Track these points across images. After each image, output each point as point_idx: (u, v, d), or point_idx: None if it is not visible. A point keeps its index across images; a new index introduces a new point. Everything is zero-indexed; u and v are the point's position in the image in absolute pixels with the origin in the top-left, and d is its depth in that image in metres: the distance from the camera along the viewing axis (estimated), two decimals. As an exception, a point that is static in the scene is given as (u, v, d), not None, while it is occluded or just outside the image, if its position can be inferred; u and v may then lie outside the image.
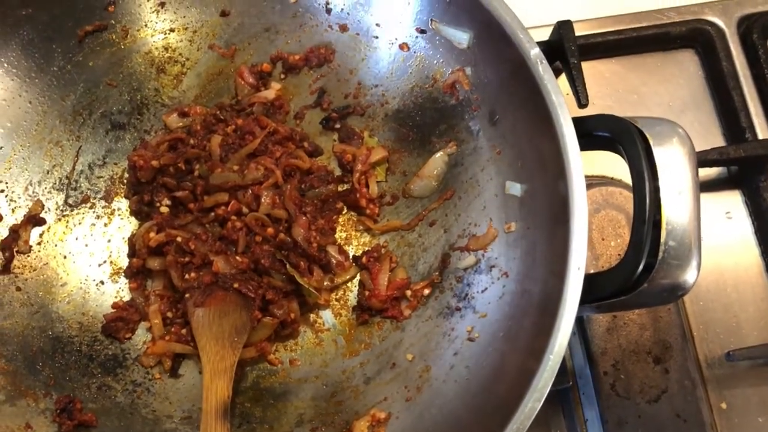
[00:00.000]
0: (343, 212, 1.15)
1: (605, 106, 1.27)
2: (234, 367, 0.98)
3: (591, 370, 1.09)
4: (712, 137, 1.26)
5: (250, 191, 1.06)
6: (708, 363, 1.13)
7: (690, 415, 1.06)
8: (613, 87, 1.29)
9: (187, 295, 1.03)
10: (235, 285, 1.02)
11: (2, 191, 1.06)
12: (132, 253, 1.11)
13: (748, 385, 1.13)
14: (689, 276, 0.84)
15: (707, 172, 1.23)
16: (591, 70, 1.27)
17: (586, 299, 0.83)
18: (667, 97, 1.29)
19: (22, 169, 1.08)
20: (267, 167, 1.07)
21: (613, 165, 1.20)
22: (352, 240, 1.14)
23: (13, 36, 1.04)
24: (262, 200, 1.06)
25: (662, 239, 0.83)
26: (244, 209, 1.06)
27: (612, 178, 1.21)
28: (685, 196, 0.84)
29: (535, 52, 0.92)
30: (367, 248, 1.12)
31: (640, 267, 0.83)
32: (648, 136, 0.86)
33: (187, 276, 1.04)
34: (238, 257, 1.04)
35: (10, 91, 1.06)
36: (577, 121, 0.89)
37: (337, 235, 1.13)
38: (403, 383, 1.01)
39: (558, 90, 0.90)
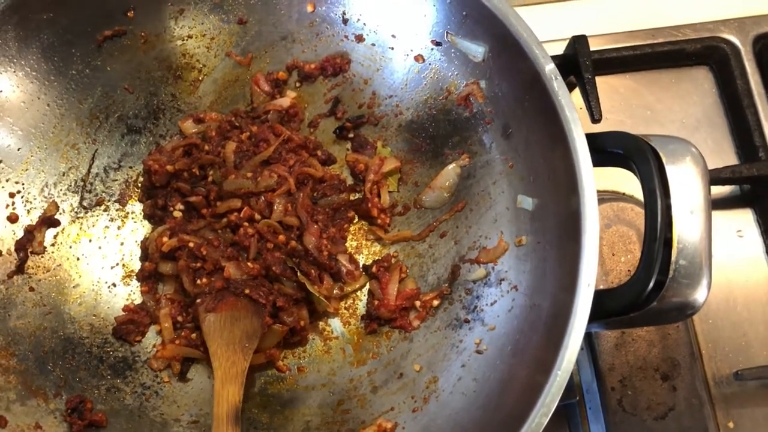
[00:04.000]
0: (355, 221, 1.15)
1: (618, 122, 1.27)
2: (245, 372, 0.98)
3: (598, 386, 1.09)
4: (725, 155, 1.25)
5: (263, 198, 1.07)
6: (716, 381, 1.12)
7: (697, 433, 1.06)
8: (626, 102, 1.29)
9: (198, 300, 1.03)
10: (246, 291, 1.02)
11: (18, 192, 1.07)
12: (144, 257, 1.12)
13: (756, 405, 1.12)
14: (699, 295, 0.84)
15: (719, 190, 1.22)
16: (605, 85, 1.27)
17: (595, 315, 0.83)
18: (680, 113, 1.29)
19: (39, 171, 1.09)
20: (280, 175, 1.08)
21: (625, 181, 1.20)
22: (362, 249, 1.14)
23: (34, 39, 1.05)
24: (275, 207, 1.06)
25: (673, 257, 0.83)
26: (257, 216, 1.07)
27: (623, 194, 1.21)
28: (697, 215, 0.84)
29: (549, 68, 0.92)
30: (377, 258, 1.12)
31: (651, 285, 0.83)
32: (661, 154, 0.86)
33: (198, 281, 1.05)
34: (249, 263, 1.04)
35: (29, 94, 1.07)
36: (590, 137, 0.90)
37: (347, 244, 1.13)
38: (410, 393, 1.02)
39: (572, 105, 0.90)
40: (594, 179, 0.87)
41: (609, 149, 0.91)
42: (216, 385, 0.97)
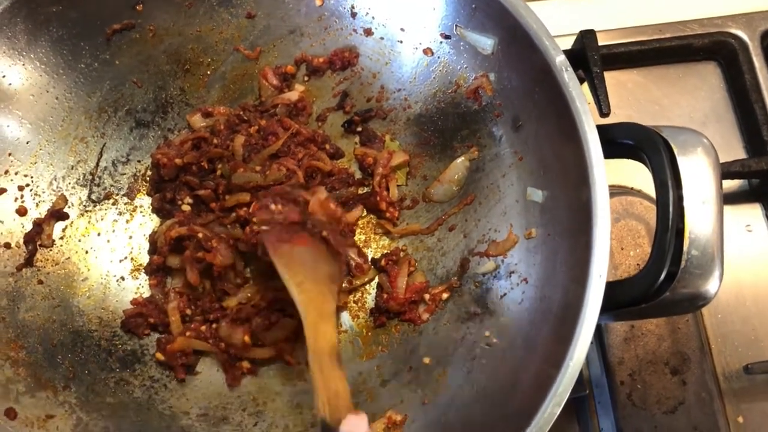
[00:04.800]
0: (363, 215, 1.15)
1: (626, 116, 1.27)
2: (335, 315, 0.90)
3: (608, 380, 1.09)
4: (733, 150, 1.25)
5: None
6: (725, 376, 1.12)
7: (707, 427, 1.05)
8: (634, 97, 1.29)
9: (265, 228, 0.94)
10: (324, 233, 0.95)
11: (27, 185, 1.07)
12: (153, 250, 1.12)
13: (765, 400, 1.12)
14: (711, 286, 0.83)
15: (728, 185, 1.22)
16: (613, 80, 1.28)
17: (606, 306, 0.83)
18: (688, 108, 1.29)
19: (48, 164, 1.09)
20: (289, 168, 1.08)
21: (634, 175, 1.20)
22: (371, 243, 1.14)
23: (43, 32, 1.05)
24: None
25: (685, 248, 0.83)
26: None
27: (632, 188, 1.21)
28: (708, 206, 0.84)
29: (560, 59, 0.92)
30: (386, 251, 1.12)
31: (662, 275, 0.83)
32: (672, 145, 0.86)
33: (272, 206, 0.95)
34: (332, 205, 1.00)
35: (38, 87, 1.07)
36: (601, 129, 0.90)
37: (356, 238, 1.13)
38: (419, 386, 1.01)
39: (582, 97, 0.90)
40: (605, 170, 0.87)
41: (620, 140, 0.91)
42: (310, 317, 0.87)
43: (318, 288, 0.91)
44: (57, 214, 1.09)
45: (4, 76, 1.03)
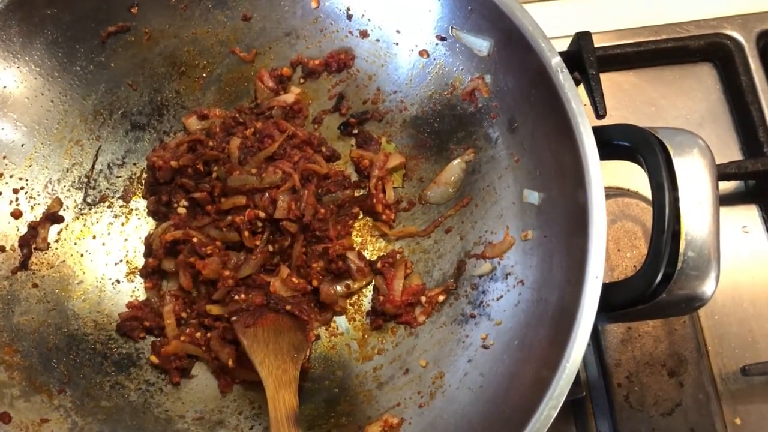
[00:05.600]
0: (359, 217, 1.15)
1: (622, 118, 1.26)
2: (296, 380, 0.97)
3: (605, 382, 1.08)
4: (729, 151, 1.25)
5: (268, 194, 1.07)
6: (723, 377, 1.12)
7: (704, 429, 1.05)
8: (630, 99, 1.29)
9: (233, 318, 1.02)
10: (288, 307, 1.03)
11: (22, 188, 1.07)
12: (148, 253, 1.11)
13: (762, 401, 1.11)
14: (708, 287, 0.83)
15: (724, 186, 1.22)
16: (609, 81, 1.27)
17: (603, 308, 0.83)
18: (684, 110, 1.29)
19: (43, 167, 1.09)
20: (285, 171, 1.08)
21: (630, 176, 1.20)
22: (367, 245, 1.14)
23: (38, 35, 1.04)
24: (279, 204, 1.06)
25: (681, 249, 0.83)
26: (261, 213, 1.06)
27: (628, 190, 1.21)
28: (704, 207, 0.84)
29: (556, 61, 0.92)
30: (382, 254, 1.12)
31: (659, 277, 0.83)
32: (668, 146, 0.86)
33: (236, 297, 1.04)
34: (294, 279, 1.05)
35: (33, 90, 1.07)
36: (597, 130, 0.89)
37: (352, 240, 1.13)
38: (416, 389, 1.01)
39: (578, 98, 0.90)
40: (601, 172, 0.87)
41: (616, 142, 0.91)
42: (269, 391, 0.95)
43: (278, 360, 0.98)
44: (52, 217, 1.08)
45: (-2, 79, 1.03)
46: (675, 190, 0.84)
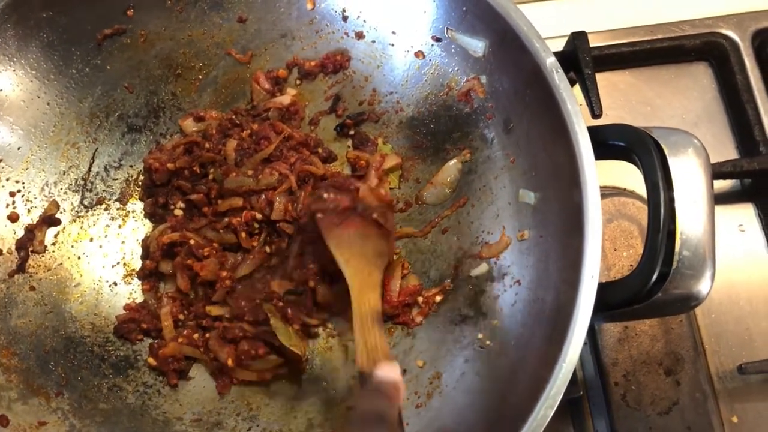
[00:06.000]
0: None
1: (618, 118, 1.27)
2: (380, 284, 0.99)
3: (602, 381, 1.08)
4: (725, 150, 1.25)
5: (264, 196, 1.07)
6: (719, 376, 1.12)
7: (701, 428, 1.05)
8: (626, 98, 1.29)
9: (320, 215, 1.01)
10: (374, 216, 1.01)
11: (19, 191, 1.07)
12: (145, 255, 1.11)
13: (759, 400, 1.11)
14: (703, 286, 0.84)
15: (720, 185, 1.22)
16: (604, 81, 1.28)
17: (599, 308, 0.83)
18: (680, 109, 1.29)
19: (39, 170, 1.09)
20: (281, 172, 1.08)
21: (626, 176, 1.20)
22: (364, 246, 1.14)
23: (34, 38, 1.05)
24: (275, 206, 1.06)
25: (677, 249, 0.83)
26: (257, 215, 1.07)
27: (624, 189, 1.21)
28: (699, 206, 0.84)
29: (550, 61, 0.92)
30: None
31: (654, 276, 0.83)
32: (663, 146, 0.86)
33: (326, 195, 1.02)
34: (382, 190, 1.06)
35: (29, 93, 1.07)
36: (592, 130, 0.90)
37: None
38: (413, 390, 1.01)
39: (573, 98, 0.90)
40: (596, 171, 0.87)
41: (611, 142, 0.91)
42: (354, 290, 0.96)
43: (364, 262, 1.00)
44: (49, 219, 1.08)
45: (-6, 82, 1.03)
46: (670, 189, 0.84)
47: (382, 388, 0.85)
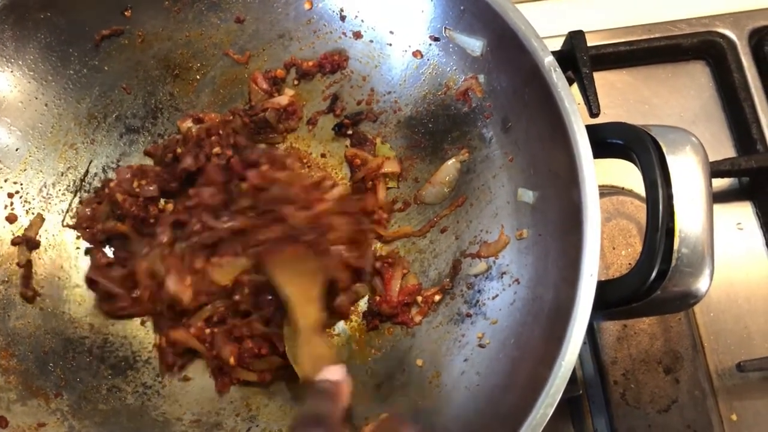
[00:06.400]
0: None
1: (616, 116, 1.27)
2: (318, 298, 1.00)
3: (601, 379, 1.09)
4: (723, 148, 1.26)
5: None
6: (718, 374, 1.12)
7: (700, 426, 1.05)
8: (624, 97, 1.30)
9: (259, 248, 1.02)
10: (307, 238, 1.02)
11: (17, 192, 1.07)
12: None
13: (758, 398, 1.12)
14: (702, 284, 0.84)
15: (718, 183, 1.23)
16: (602, 80, 1.28)
17: (598, 306, 0.83)
18: (678, 108, 1.29)
19: (37, 171, 1.08)
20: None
21: (625, 175, 1.21)
22: (363, 246, 1.14)
23: (32, 38, 1.04)
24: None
25: (675, 246, 0.83)
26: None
27: (623, 188, 1.21)
28: (698, 204, 0.84)
29: (548, 60, 0.92)
30: (380, 254, 1.12)
31: (653, 274, 0.83)
32: (661, 144, 0.87)
33: (261, 237, 1.02)
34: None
35: (26, 94, 1.06)
36: (590, 129, 0.90)
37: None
38: (412, 389, 1.01)
39: (571, 97, 0.90)
40: (594, 170, 0.87)
41: (609, 140, 0.91)
42: (293, 308, 0.98)
43: (300, 279, 1.01)
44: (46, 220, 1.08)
45: (-8, 84, 1.03)
46: (668, 187, 0.84)
47: (325, 388, 0.89)
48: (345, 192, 1.13)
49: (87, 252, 1.10)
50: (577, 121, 0.89)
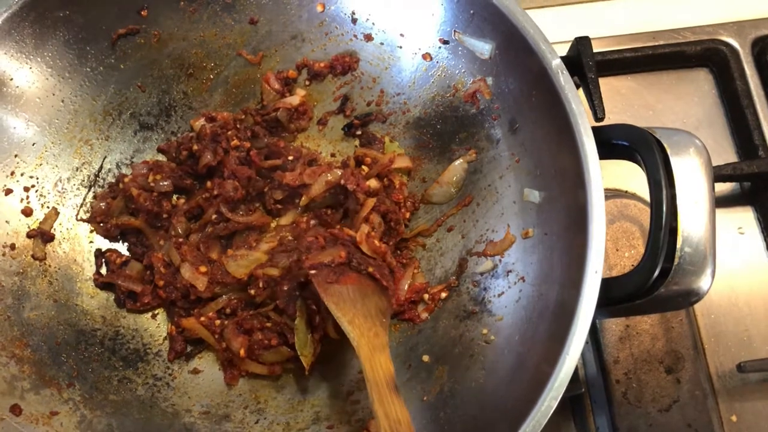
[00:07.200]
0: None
1: (620, 121, 1.26)
2: (387, 345, 0.93)
3: (603, 378, 1.10)
4: (725, 154, 1.28)
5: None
6: (719, 375, 1.14)
7: (701, 425, 1.07)
8: (628, 103, 1.32)
9: (313, 272, 0.98)
10: (370, 269, 1.00)
11: (33, 186, 1.09)
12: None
13: (758, 399, 1.13)
14: (704, 282, 0.86)
15: (720, 188, 1.25)
16: (607, 86, 1.30)
17: (602, 302, 0.85)
18: (681, 114, 1.31)
19: (53, 166, 1.11)
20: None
21: (628, 178, 1.23)
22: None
23: (51, 36, 1.07)
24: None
25: (678, 245, 0.85)
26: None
27: (626, 191, 1.23)
28: (701, 204, 0.86)
29: (556, 63, 0.94)
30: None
31: (657, 271, 0.85)
32: (665, 145, 0.89)
33: (314, 251, 0.99)
34: (376, 241, 1.03)
35: (44, 90, 1.09)
36: (596, 130, 0.92)
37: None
38: (418, 384, 1.03)
39: (578, 99, 0.92)
40: (600, 170, 0.89)
41: (614, 141, 0.93)
42: (363, 352, 0.91)
43: (368, 322, 0.95)
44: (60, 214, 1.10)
45: (11, 79, 1.05)
46: (672, 187, 0.86)
47: None
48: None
49: (96, 255, 1.12)
50: (584, 122, 0.91)
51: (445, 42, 1.11)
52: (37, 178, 1.10)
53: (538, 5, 1.39)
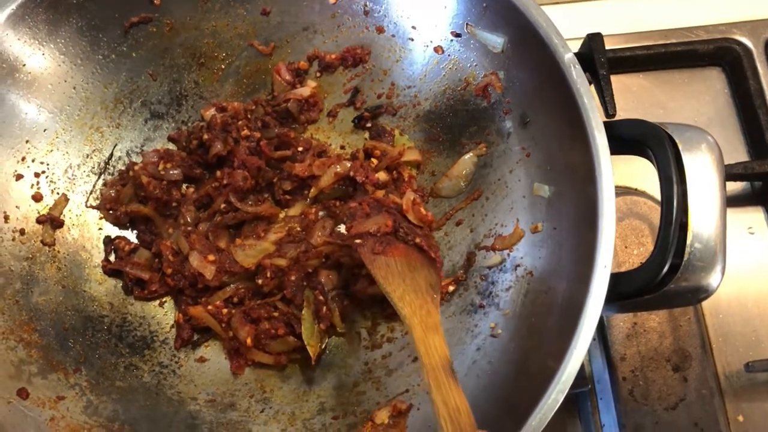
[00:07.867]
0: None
1: (631, 119, 1.28)
2: (440, 325, 0.87)
3: (610, 376, 1.10)
4: (736, 153, 1.27)
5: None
6: (726, 374, 1.13)
7: (707, 424, 1.07)
8: (639, 101, 1.31)
9: (358, 241, 0.94)
10: (418, 240, 0.96)
11: (43, 172, 1.09)
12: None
13: (765, 399, 1.13)
14: (713, 279, 0.85)
15: (731, 187, 1.24)
16: (618, 83, 1.28)
17: (611, 297, 0.84)
18: (692, 112, 1.31)
19: (63, 152, 1.11)
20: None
21: (638, 175, 1.22)
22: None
23: (64, 23, 1.07)
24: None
25: (688, 241, 0.84)
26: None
27: (636, 189, 1.23)
28: (712, 201, 0.86)
29: (569, 57, 0.94)
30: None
31: (666, 267, 0.84)
32: (677, 141, 0.88)
33: (359, 219, 0.94)
34: (422, 209, 1.02)
35: (56, 76, 1.09)
36: (608, 125, 0.91)
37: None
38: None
39: (590, 94, 0.92)
40: (611, 166, 0.89)
41: (626, 136, 0.93)
42: (417, 332, 0.84)
43: (420, 299, 0.89)
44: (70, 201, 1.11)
45: (24, 65, 1.06)
46: (683, 183, 0.86)
47: None
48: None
49: (105, 242, 1.12)
50: (596, 117, 0.90)
51: (458, 35, 1.11)
52: (48, 164, 1.10)
53: (551, 1, 1.38)
